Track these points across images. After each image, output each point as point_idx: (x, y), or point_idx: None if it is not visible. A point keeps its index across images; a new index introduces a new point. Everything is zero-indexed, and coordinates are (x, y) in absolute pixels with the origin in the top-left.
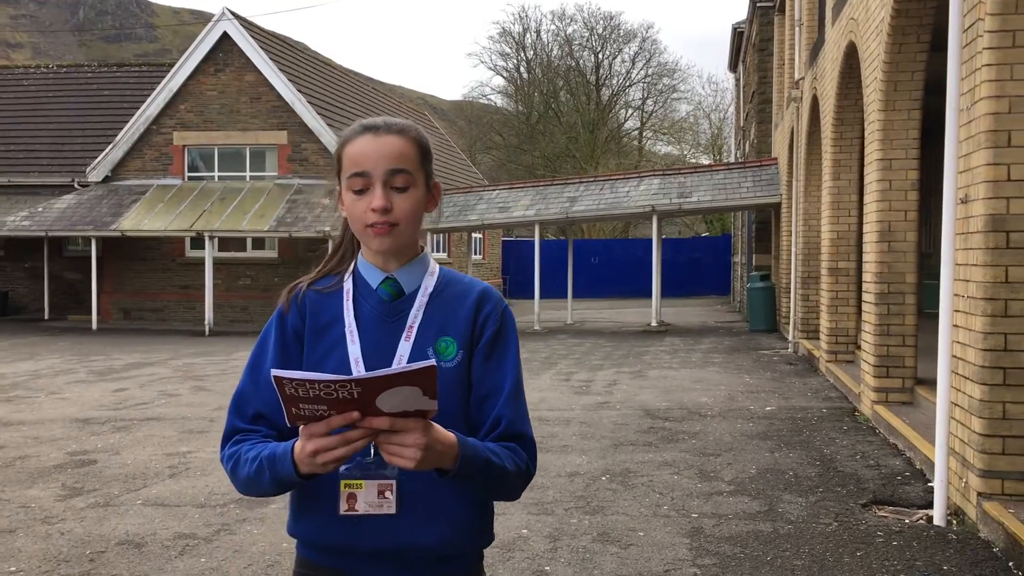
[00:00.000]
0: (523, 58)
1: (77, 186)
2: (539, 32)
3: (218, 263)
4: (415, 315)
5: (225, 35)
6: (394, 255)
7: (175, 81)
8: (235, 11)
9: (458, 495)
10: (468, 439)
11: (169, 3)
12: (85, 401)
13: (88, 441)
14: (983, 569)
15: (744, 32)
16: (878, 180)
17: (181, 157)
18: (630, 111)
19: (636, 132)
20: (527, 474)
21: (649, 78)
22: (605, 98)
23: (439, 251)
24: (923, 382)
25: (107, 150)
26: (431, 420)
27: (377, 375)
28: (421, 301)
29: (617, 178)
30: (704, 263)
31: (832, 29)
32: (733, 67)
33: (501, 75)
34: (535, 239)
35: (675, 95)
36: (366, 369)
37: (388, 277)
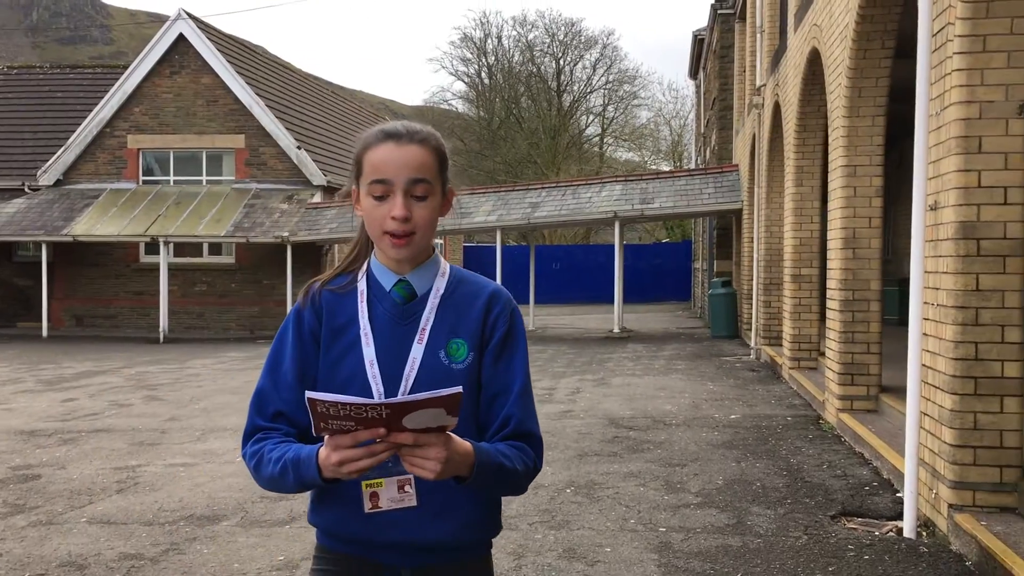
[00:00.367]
0: (484, 64)
1: (27, 190)
2: (500, 38)
3: (173, 269)
4: (427, 318)
5: (181, 37)
6: (408, 260)
7: (129, 83)
8: (191, 12)
9: (469, 492)
10: (482, 446)
11: (125, 5)
12: (32, 412)
13: (33, 455)
14: None
15: (705, 39)
16: (843, 187)
17: (135, 160)
18: (591, 117)
19: (597, 138)
20: (535, 471)
21: (610, 84)
22: (566, 104)
23: None
24: (887, 390)
25: (59, 153)
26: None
27: (408, 400)
28: (433, 303)
29: (579, 184)
30: (665, 269)
31: (795, 36)
32: (694, 74)
33: (462, 80)
34: (497, 245)
35: (636, 102)
36: (380, 371)
37: (401, 280)
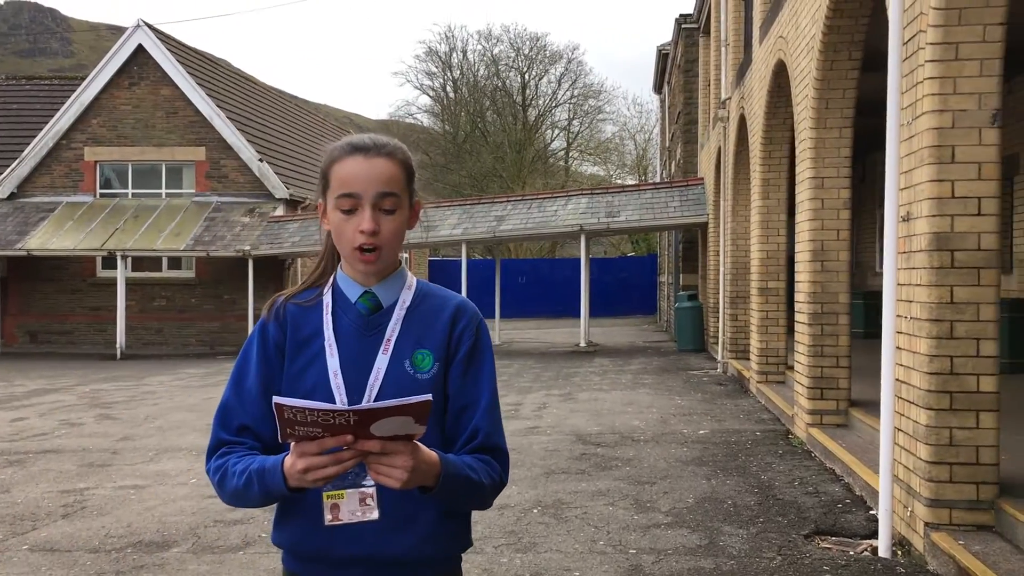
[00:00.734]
0: (449, 77)
1: None
2: (465, 52)
3: (131, 283)
4: (393, 328)
5: (140, 47)
6: (376, 273)
7: (87, 94)
8: (151, 23)
9: (431, 505)
10: (449, 457)
11: (86, 18)
12: None
13: None
14: None
15: (669, 54)
16: (810, 199)
17: (93, 173)
18: (556, 131)
19: (563, 152)
20: (500, 485)
21: (575, 99)
22: (532, 118)
23: None
24: (857, 404)
25: (13, 166)
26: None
27: (376, 407)
28: (399, 315)
29: (545, 197)
30: (631, 283)
31: (760, 48)
32: (658, 88)
33: (427, 94)
34: (462, 259)
35: (601, 116)
36: (344, 382)
37: (367, 291)
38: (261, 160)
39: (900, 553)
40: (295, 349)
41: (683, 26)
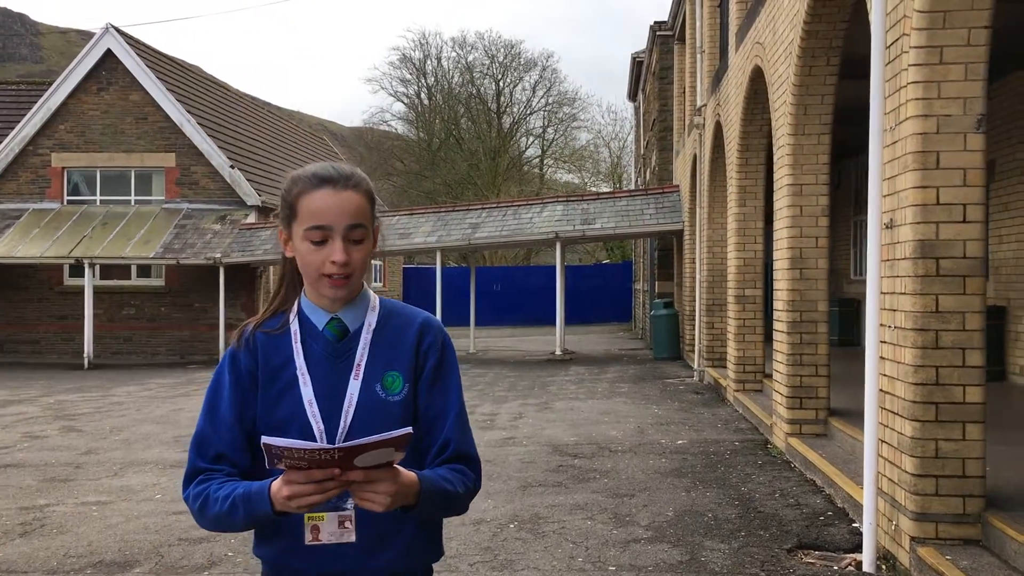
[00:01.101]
0: (424, 85)
1: None
2: (440, 59)
3: (99, 292)
4: (362, 353)
5: (109, 52)
6: (343, 299)
7: (54, 99)
8: (120, 27)
9: (409, 518)
10: (426, 474)
11: (56, 23)
12: None
13: None
14: None
15: (644, 61)
16: (789, 206)
17: (60, 180)
18: (531, 139)
19: (537, 160)
20: (475, 490)
21: (550, 106)
22: (506, 126)
23: None
24: (836, 413)
25: None
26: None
27: (361, 443)
28: (366, 338)
29: (520, 204)
30: (606, 290)
31: (736, 55)
32: (633, 96)
33: (402, 101)
34: (437, 266)
35: (575, 124)
36: (319, 410)
37: (333, 318)
38: (232, 166)
39: (885, 568)
40: (268, 377)
41: (658, 33)
